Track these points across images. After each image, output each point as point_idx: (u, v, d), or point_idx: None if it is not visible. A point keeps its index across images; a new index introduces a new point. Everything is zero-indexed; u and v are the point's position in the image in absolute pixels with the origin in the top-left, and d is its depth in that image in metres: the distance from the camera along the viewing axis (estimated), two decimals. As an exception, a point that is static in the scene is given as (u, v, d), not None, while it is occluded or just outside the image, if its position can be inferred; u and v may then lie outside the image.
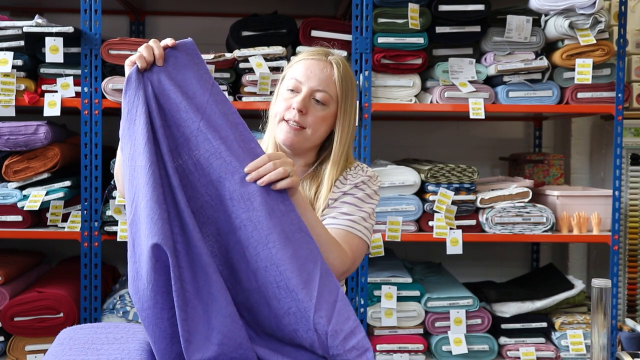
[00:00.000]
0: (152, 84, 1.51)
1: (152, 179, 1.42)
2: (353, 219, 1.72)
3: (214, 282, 1.42)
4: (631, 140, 3.51)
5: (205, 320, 1.41)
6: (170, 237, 1.40)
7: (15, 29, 2.87)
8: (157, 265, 1.39)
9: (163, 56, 1.52)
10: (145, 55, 1.51)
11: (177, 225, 1.43)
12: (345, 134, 1.81)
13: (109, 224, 2.93)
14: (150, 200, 1.41)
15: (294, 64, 1.83)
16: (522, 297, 3.13)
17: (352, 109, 1.82)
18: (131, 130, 1.49)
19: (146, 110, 1.48)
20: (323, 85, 1.77)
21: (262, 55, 2.93)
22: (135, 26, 3.69)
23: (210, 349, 1.40)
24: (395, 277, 3.06)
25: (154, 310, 1.41)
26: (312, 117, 1.77)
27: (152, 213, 1.40)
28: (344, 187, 1.78)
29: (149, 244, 1.38)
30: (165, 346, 1.43)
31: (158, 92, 1.51)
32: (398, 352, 2.99)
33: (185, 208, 1.44)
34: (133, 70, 1.51)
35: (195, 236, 1.43)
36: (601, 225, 3.09)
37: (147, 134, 1.45)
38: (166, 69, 1.52)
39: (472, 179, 3.05)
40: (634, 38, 3.54)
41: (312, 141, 1.80)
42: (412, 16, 2.93)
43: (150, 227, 1.39)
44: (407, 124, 3.81)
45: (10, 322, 2.84)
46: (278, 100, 1.82)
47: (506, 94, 3.01)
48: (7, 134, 2.86)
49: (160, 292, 1.40)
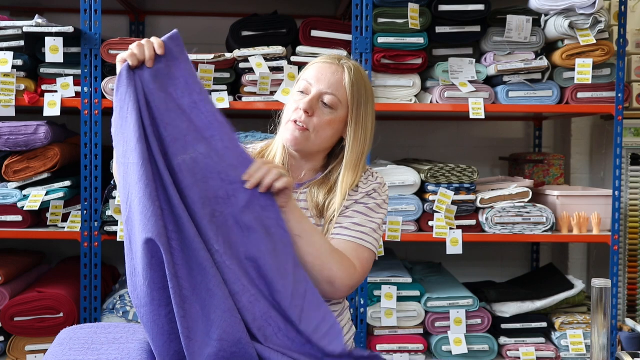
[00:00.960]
0: (142, 81, 1.52)
1: (144, 176, 1.43)
2: (364, 230, 1.71)
3: (211, 277, 1.42)
4: (631, 140, 3.51)
5: (204, 316, 1.42)
6: (164, 234, 1.40)
7: (15, 29, 2.87)
8: (153, 261, 1.40)
9: (154, 58, 1.53)
10: (137, 54, 1.52)
11: (171, 222, 1.44)
12: (358, 142, 1.79)
13: (109, 224, 2.93)
14: (143, 197, 1.41)
15: (308, 67, 1.83)
16: (522, 297, 3.13)
17: (366, 116, 1.80)
18: (123, 128, 1.50)
19: (137, 107, 1.49)
20: (332, 89, 1.76)
21: (262, 55, 2.93)
22: (135, 26, 3.69)
23: (211, 344, 1.40)
24: (395, 277, 3.06)
25: (151, 307, 1.41)
26: (318, 119, 1.76)
27: (145, 210, 1.40)
28: (355, 195, 1.77)
29: (143, 239, 1.39)
30: (163, 344, 1.43)
31: (147, 90, 1.52)
32: (398, 352, 2.99)
33: (179, 204, 1.45)
34: (124, 68, 1.52)
35: (191, 232, 1.44)
36: (601, 225, 3.09)
37: (138, 132, 1.46)
38: (155, 67, 1.54)
39: (472, 179, 3.05)
40: (634, 38, 3.54)
41: (316, 144, 1.78)
42: (412, 16, 2.93)
43: (144, 224, 1.40)
44: (407, 124, 3.81)
45: (10, 322, 2.84)
46: (289, 103, 1.82)
47: (506, 94, 3.01)
48: (7, 134, 2.86)
49: (157, 289, 1.41)
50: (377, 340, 3.01)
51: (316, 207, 1.76)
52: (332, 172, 1.82)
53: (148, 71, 1.53)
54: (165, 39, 1.56)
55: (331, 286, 1.60)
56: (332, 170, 1.82)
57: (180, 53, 1.56)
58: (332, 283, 1.60)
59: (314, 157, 1.83)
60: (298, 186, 1.81)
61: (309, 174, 1.83)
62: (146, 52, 1.52)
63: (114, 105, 1.53)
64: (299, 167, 1.83)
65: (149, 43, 1.54)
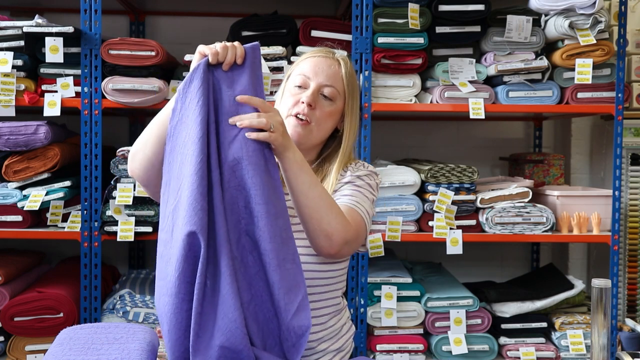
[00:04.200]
0: (215, 80, 1.56)
1: (201, 170, 1.46)
2: (355, 199, 1.73)
3: (226, 284, 1.44)
4: (631, 140, 3.51)
5: (214, 320, 1.43)
6: (206, 230, 1.43)
7: (15, 29, 2.87)
8: (189, 254, 1.43)
9: (232, 64, 1.55)
10: (220, 54, 1.54)
11: (209, 220, 1.46)
12: (354, 131, 1.85)
13: (109, 224, 2.93)
14: (195, 191, 1.45)
15: (300, 62, 1.86)
16: (522, 297, 3.13)
17: (357, 107, 1.86)
18: (188, 119, 1.52)
19: (206, 103, 1.52)
20: (331, 81, 1.81)
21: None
22: (135, 26, 3.69)
23: (214, 349, 1.42)
24: (395, 277, 3.06)
25: (175, 299, 1.44)
26: (319, 111, 1.79)
27: (195, 203, 1.44)
28: (343, 178, 1.80)
29: (186, 231, 1.42)
30: (177, 338, 1.45)
31: (217, 89, 1.55)
32: (398, 352, 2.99)
33: (219, 204, 1.48)
34: (203, 62, 1.54)
35: (222, 234, 1.46)
36: (601, 225, 3.09)
37: (204, 128, 1.49)
38: (230, 70, 1.57)
39: (472, 179, 3.05)
40: (634, 38, 3.54)
41: (317, 137, 1.82)
42: (412, 16, 2.93)
43: (190, 216, 1.43)
44: (407, 124, 3.81)
45: (10, 322, 2.84)
46: (285, 97, 1.84)
47: (506, 94, 3.01)
48: (7, 134, 2.86)
49: (185, 282, 1.43)
50: (377, 340, 3.01)
51: None
52: (324, 162, 1.85)
53: (222, 72, 1.56)
54: (247, 47, 1.58)
55: (328, 240, 1.59)
56: (325, 160, 1.86)
57: (255, 64, 1.59)
58: (330, 236, 1.59)
59: (310, 150, 1.85)
60: None
61: None
62: (228, 56, 1.55)
63: (180, 90, 1.55)
64: None
65: (234, 48, 1.56)
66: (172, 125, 1.55)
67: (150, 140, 1.63)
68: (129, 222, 2.90)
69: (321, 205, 1.59)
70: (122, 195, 2.85)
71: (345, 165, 1.84)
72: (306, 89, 1.80)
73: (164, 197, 1.55)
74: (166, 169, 1.56)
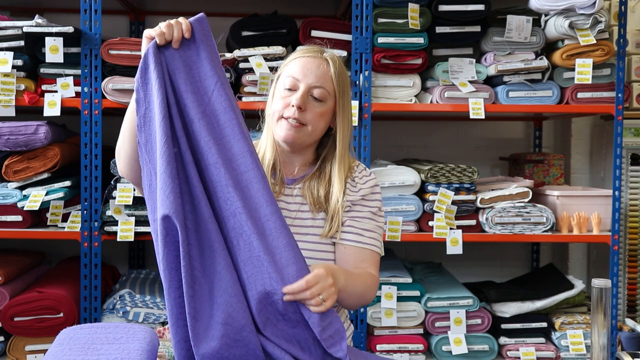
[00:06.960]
0: (168, 61, 1.54)
1: (166, 153, 1.45)
2: (374, 237, 1.82)
3: (221, 259, 1.43)
4: (631, 140, 3.51)
5: (211, 298, 1.42)
6: (181, 212, 1.42)
7: (15, 29, 2.87)
8: (168, 239, 1.42)
9: (181, 40, 1.55)
10: (166, 33, 1.54)
11: (188, 201, 1.46)
12: (347, 129, 1.85)
13: (109, 224, 2.93)
14: (163, 174, 1.44)
15: (289, 63, 1.84)
16: (522, 297, 3.13)
17: (349, 104, 1.86)
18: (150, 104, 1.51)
19: (163, 85, 1.51)
20: (320, 82, 1.79)
21: (262, 55, 2.93)
22: (135, 26, 3.68)
23: (215, 327, 1.40)
24: (395, 277, 3.06)
25: (168, 290, 1.44)
26: (310, 113, 1.78)
27: (164, 186, 1.43)
28: (355, 189, 1.82)
29: (160, 215, 1.41)
30: (169, 327, 1.45)
31: (171, 70, 1.54)
32: (398, 352, 2.99)
33: (198, 184, 1.47)
34: (152, 45, 1.53)
35: (206, 212, 1.45)
36: (601, 225, 3.09)
37: (163, 110, 1.48)
38: (181, 48, 1.55)
39: (472, 179, 3.05)
40: (634, 38, 3.54)
41: (312, 137, 1.82)
42: (412, 16, 2.93)
43: (162, 200, 1.42)
44: (407, 124, 3.81)
45: (10, 322, 2.84)
46: (275, 99, 1.83)
47: (506, 94, 3.01)
48: (7, 134, 2.86)
49: (169, 269, 1.43)
50: (377, 340, 3.01)
51: (316, 201, 1.77)
52: (324, 163, 1.85)
53: (173, 51, 1.54)
54: (192, 20, 1.56)
55: (365, 303, 1.78)
56: (325, 161, 1.85)
57: (206, 36, 1.57)
58: (367, 302, 1.78)
59: (305, 150, 1.85)
60: (292, 182, 1.82)
61: (302, 169, 1.85)
62: (175, 33, 1.54)
63: (139, 79, 1.53)
64: (291, 162, 1.85)
65: (178, 24, 1.55)
66: (139, 116, 1.53)
67: (126, 137, 1.63)
68: (129, 222, 2.90)
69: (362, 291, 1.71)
70: (122, 195, 2.86)
71: (348, 171, 1.83)
72: (296, 91, 1.79)
73: (146, 189, 1.53)
74: (144, 159, 1.54)
